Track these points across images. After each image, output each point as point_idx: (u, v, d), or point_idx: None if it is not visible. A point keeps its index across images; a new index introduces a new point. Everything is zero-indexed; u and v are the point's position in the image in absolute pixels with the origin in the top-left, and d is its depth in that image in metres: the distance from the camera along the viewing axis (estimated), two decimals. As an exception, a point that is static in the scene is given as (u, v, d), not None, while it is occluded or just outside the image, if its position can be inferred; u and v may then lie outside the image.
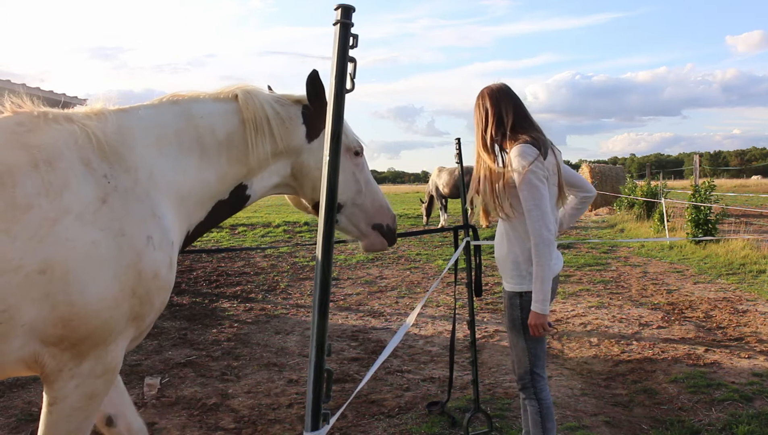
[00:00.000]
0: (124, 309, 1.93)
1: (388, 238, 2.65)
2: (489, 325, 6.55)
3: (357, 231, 2.60)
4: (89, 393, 1.96)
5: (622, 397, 4.43)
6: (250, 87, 2.39)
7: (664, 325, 6.43)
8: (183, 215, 2.20)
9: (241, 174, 2.34)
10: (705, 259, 10.57)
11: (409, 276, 9.76)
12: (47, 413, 1.95)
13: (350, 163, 2.52)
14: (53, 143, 1.92)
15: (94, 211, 1.89)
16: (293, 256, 11.84)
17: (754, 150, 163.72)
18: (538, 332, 2.75)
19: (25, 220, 1.77)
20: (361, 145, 2.59)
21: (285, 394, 4.54)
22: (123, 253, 1.91)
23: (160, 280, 2.02)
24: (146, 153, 2.11)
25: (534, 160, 2.69)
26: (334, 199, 1.46)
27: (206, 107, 2.31)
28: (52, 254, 1.79)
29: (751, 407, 4.16)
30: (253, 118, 2.31)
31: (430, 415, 4.09)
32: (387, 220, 2.63)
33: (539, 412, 2.88)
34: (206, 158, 2.25)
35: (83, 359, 1.90)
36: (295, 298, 8.20)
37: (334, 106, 1.45)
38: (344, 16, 1.45)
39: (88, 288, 1.84)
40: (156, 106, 2.27)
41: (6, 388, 4.65)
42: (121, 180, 1.98)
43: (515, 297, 2.88)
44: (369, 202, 2.57)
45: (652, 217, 15.61)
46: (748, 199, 28.36)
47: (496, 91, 2.91)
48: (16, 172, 1.82)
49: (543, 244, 2.66)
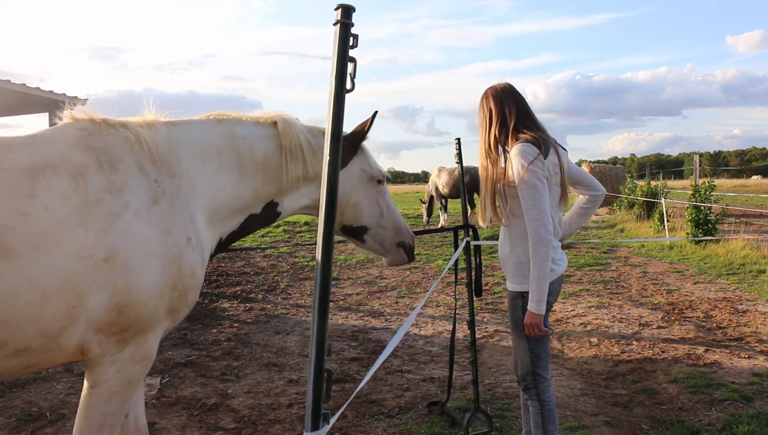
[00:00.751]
0: (166, 300, 2.13)
1: (409, 255, 2.88)
2: (489, 325, 6.55)
3: (382, 249, 2.83)
4: (128, 378, 2.12)
5: (622, 397, 4.43)
6: (287, 116, 2.63)
7: (664, 325, 6.43)
8: (215, 224, 2.41)
9: (272, 192, 2.57)
10: (705, 259, 10.57)
11: (409, 276, 9.76)
12: (87, 395, 2.10)
13: (374, 191, 2.76)
14: (113, 147, 2.15)
15: (148, 210, 2.10)
16: (293, 256, 11.84)
17: (754, 150, 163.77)
18: (533, 332, 2.74)
19: (95, 213, 1.98)
20: (383, 174, 2.81)
21: (285, 394, 4.54)
22: (169, 249, 2.11)
23: (195, 278, 2.23)
24: (190, 165, 2.32)
25: (534, 160, 2.69)
26: (334, 199, 1.45)
27: (248, 129, 2.53)
28: (115, 244, 1.99)
29: (751, 407, 4.16)
30: (290, 146, 2.54)
31: (430, 415, 4.09)
32: (408, 239, 2.86)
33: (540, 413, 2.86)
34: (243, 176, 2.47)
35: (125, 346, 2.08)
36: (295, 298, 8.20)
37: (334, 106, 1.45)
38: (344, 16, 1.45)
39: (142, 277, 2.04)
40: (203, 122, 2.50)
41: (6, 388, 4.65)
42: (168, 185, 2.20)
43: (517, 297, 2.87)
44: (390, 224, 2.80)
45: (652, 217, 15.61)
46: (748, 199, 28.36)
47: (500, 91, 2.91)
48: (86, 171, 2.03)
49: (540, 243, 2.66)
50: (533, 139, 2.76)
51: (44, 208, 1.89)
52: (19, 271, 1.81)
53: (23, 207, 1.86)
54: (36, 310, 1.85)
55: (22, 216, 1.85)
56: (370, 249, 2.85)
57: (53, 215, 1.90)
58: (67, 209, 1.93)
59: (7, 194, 1.86)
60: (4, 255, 1.79)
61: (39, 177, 1.94)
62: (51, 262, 1.86)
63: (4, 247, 1.80)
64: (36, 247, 1.84)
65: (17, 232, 1.83)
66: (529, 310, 2.72)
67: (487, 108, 2.92)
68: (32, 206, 1.88)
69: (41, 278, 1.84)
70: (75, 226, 1.93)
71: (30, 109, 12.94)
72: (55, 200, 1.92)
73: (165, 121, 2.38)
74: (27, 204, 1.87)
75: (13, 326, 1.84)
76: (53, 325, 1.90)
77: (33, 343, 1.90)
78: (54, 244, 1.87)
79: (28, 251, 1.83)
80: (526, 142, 2.74)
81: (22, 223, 1.84)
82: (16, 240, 1.82)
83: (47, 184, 1.93)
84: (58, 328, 1.91)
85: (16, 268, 1.81)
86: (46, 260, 1.85)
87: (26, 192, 1.89)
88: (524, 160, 2.69)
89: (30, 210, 1.87)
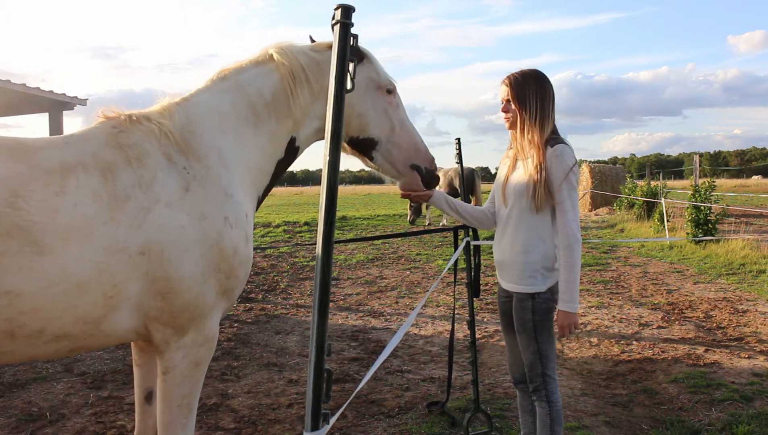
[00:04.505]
0: (213, 284, 2.20)
1: (425, 180, 2.72)
2: (489, 325, 6.55)
3: (394, 170, 2.70)
4: (195, 361, 2.26)
5: (622, 397, 4.43)
6: (283, 43, 2.56)
7: (664, 325, 6.43)
8: (251, 185, 2.45)
9: (289, 128, 2.54)
10: (705, 259, 10.57)
11: (409, 276, 9.76)
12: (162, 382, 2.26)
13: (382, 101, 2.63)
14: (141, 142, 2.21)
15: (180, 199, 2.16)
16: (293, 256, 11.84)
17: (754, 150, 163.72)
18: (568, 332, 2.73)
19: (126, 208, 2.06)
20: (392, 83, 2.67)
21: (285, 394, 4.54)
22: (206, 234, 2.17)
23: (240, 255, 2.28)
24: (213, 136, 2.36)
25: (576, 163, 2.74)
26: (334, 199, 1.45)
27: (250, 74, 2.50)
28: (149, 238, 2.07)
29: (751, 407, 4.16)
30: (290, 70, 2.48)
31: (430, 415, 4.09)
32: (425, 163, 2.71)
33: (549, 415, 2.82)
34: (260, 123, 2.47)
35: (185, 332, 2.20)
36: (295, 298, 8.20)
37: (334, 106, 1.45)
38: (344, 16, 1.45)
39: (181, 266, 2.12)
40: (210, 87, 2.49)
41: (6, 388, 4.65)
42: (196, 169, 2.25)
43: (527, 299, 2.81)
44: (405, 142, 2.66)
45: (652, 217, 15.60)
46: (748, 199, 28.36)
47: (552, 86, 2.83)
48: (115, 169, 2.11)
49: (578, 243, 2.69)
50: (568, 143, 2.78)
51: (74, 205, 1.99)
52: (51, 263, 1.91)
53: (54, 204, 1.96)
54: (71, 299, 1.96)
55: (53, 212, 1.94)
56: (380, 168, 2.72)
57: (82, 211, 1.99)
58: (97, 205, 2.02)
59: (39, 192, 1.95)
60: (37, 249, 1.90)
61: (70, 175, 2.03)
62: (82, 255, 1.96)
63: (36, 242, 1.90)
64: (66, 241, 1.94)
65: (48, 228, 1.92)
66: (563, 310, 2.70)
67: (549, 94, 2.79)
68: (62, 203, 1.97)
69: (74, 270, 1.94)
70: (105, 222, 2.02)
71: (30, 109, 12.94)
72: (85, 197, 2.02)
73: (179, 100, 2.41)
74: (57, 201, 1.97)
75: (48, 314, 1.94)
76: (92, 312, 2.01)
77: (72, 330, 2.01)
78: (84, 238, 1.97)
79: (59, 245, 1.93)
80: (566, 145, 2.75)
81: (53, 218, 1.94)
82: (47, 235, 1.92)
83: (77, 181, 2.03)
84: (98, 315, 2.03)
85: (49, 261, 1.91)
86: (77, 253, 1.95)
87: (57, 189, 1.98)
88: (569, 161, 2.71)
89: (60, 206, 1.96)
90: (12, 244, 1.87)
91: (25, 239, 1.89)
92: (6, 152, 2.00)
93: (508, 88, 2.81)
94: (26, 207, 1.91)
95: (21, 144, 2.07)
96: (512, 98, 2.79)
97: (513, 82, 2.79)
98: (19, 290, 1.87)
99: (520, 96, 2.77)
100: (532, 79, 2.78)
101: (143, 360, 2.51)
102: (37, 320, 1.93)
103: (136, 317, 2.12)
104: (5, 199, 1.90)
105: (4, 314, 1.88)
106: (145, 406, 2.53)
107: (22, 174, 1.96)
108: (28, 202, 1.92)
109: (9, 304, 1.87)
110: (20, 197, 1.92)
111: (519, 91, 2.77)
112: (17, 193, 1.92)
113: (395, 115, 2.65)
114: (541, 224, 2.77)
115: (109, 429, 3.90)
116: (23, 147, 2.06)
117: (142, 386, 2.53)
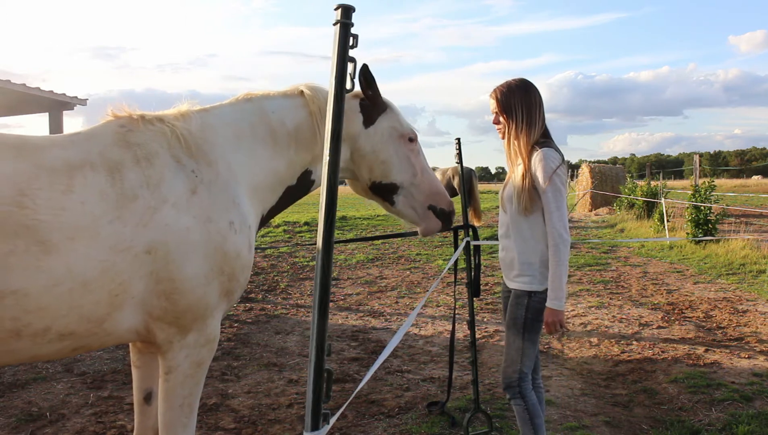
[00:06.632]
0: (215, 286, 2.23)
1: (444, 221, 2.83)
2: (489, 325, 6.55)
3: (413, 213, 2.80)
4: (197, 361, 2.28)
5: (622, 397, 4.43)
6: (313, 84, 2.69)
7: (664, 325, 6.43)
8: (257, 201, 2.49)
9: (306, 161, 2.63)
10: (705, 259, 10.57)
11: (409, 276, 9.76)
12: (164, 381, 2.28)
13: (405, 148, 2.74)
14: (150, 142, 2.23)
15: (187, 201, 2.18)
16: (293, 256, 11.84)
17: (755, 150, 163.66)
18: (554, 329, 2.79)
19: (132, 207, 2.07)
20: (414, 133, 2.79)
21: (285, 394, 4.54)
22: (211, 237, 2.20)
23: (243, 260, 2.31)
24: (225, 148, 2.40)
25: (560, 165, 2.80)
26: (334, 199, 1.45)
27: (276, 103, 2.60)
28: (155, 237, 2.08)
29: (751, 407, 4.16)
30: (319, 110, 2.58)
31: (430, 415, 4.09)
32: (442, 204, 2.81)
33: (527, 410, 2.92)
34: (277, 148, 2.54)
35: (188, 332, 2.22)
36: (295, 298, 8.19)
37: (334, 106, 1.45)
38: (344, 16, 1.45)
39: (185, 267, 2.14)
40: (233, 104, 2.57)
41: (6, 388, 4.65)
42: (205, 174, 2.27)
43: (523, 296, 2.91)
44: (426, 186, 2.78)
45: (652, 217, 15.61)
46: (748, 199, 28.35)
47: (538, 92, 2.95)
48: (123, 168, 2.12)
49: (563, 244, 2.76)
50: (555, 146, 2.87)
51: (81, 203, 1.99)
52: (57, 262, 1.91)
53: (60, 202, 1.96)
54: (77, 298, 1.96)
55: (60, 210, 1.94)
56: (401, 213, 2.82)
57: (89, 210, 1.99)
58: (104, 204, 2.03)
59: (46, 190, 1.95)
60: (44, 248, 1.90)
61: (77, 173, 2.03)
62: (88, 253, 1.96)
63: (43, 240, 1.90)
64: (72, 240, 1.94)
65: (54, 226, 1.92)
66: (550, 308, 2.78)
67: (535, 101, 2.90)
68: (69, 201, 1.97)
69: (80, 269, 1.95)
70: (112, 220, 2.02)
71: (30, 109, 12.95)
72: (92, 196, 2.02)
73: (198, 109, 2.47)
74: (64, 199, 1.97)
75: (54, 313, 1.94)
76: (96, 311, 2.02)
77: (77, 328, 2.01)
78: (90, 236, 1.97)
79: (66, 243, 1.93)
80: (551, 148, 2.83)
81: (59, 217, 1.94)
82: (54, 233, 1.92)
83: (84, 180, 2.03)
84: (102, 314, 2.03)
85: (55, 260, 1.91)
86: (83, 252, 1.96)
87: (63, 188, 1.98)
88: (552, 163, 2.78)
89: (67, 205, 1.96)
90: (19, 244, 1.86)
91: (32, 238, 1.88)
92: (12, 150, 1.99)
93: (495, 101, 2.97)
94: (33, 205, 1.90)
95: (26, 142, 2.06)
96: (499, 110, 2.95)
97: (499, 94, 2.95)
98: (26, 290, 1.87)
99: (506, 107, 2.91)
100: (516, 90, 2.91)
101: (142, 361, 2.52)
102: (42, 319, 1.93)
103: (138, 317, 2.13)
104: (12, 197, 1.89)
105: (10, 313, 1.88)
106: (144, 407, 2.54)
107: (28, 172, 1.95)
108: (35, 200, 1.91)
109: (15, 303, 1.87)
110: (26, 196, 1.91)
111: (505, 103, 2.92)
112: (23, 191, 1.91)
113: (417, 161, 2.77)
114: (536, 226, 2.88)
115: (109, 429, 3.90)
116: (29, 145, 2.05)
117: (140, 387, 2.53)
